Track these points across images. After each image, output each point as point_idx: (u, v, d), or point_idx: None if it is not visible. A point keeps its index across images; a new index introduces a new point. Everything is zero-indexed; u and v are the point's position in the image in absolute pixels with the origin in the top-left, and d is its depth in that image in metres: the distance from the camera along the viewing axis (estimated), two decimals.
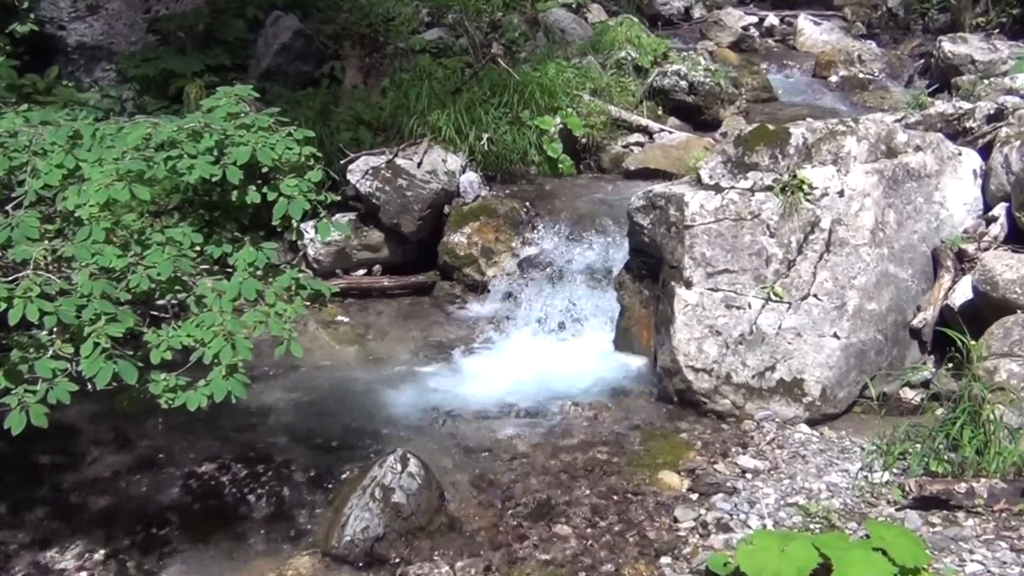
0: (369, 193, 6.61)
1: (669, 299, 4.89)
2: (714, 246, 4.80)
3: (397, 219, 6.62)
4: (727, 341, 4.71)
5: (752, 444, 4.38)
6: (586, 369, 5.38)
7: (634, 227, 5.43)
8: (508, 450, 4.45)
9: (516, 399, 5.00)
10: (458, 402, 5.00)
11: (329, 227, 3.72)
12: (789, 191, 4.74)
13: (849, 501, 3.81)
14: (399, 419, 4.81)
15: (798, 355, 4.65)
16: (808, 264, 4.71)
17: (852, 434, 4.48)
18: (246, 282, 3.39)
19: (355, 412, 4.88)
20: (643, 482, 4.11)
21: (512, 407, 4.92)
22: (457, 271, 6.57)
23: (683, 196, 4.94)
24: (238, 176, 3.45)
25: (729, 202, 4.83)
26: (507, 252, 6.42)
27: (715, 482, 4.04)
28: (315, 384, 5.25)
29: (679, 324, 4.78)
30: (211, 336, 3.20)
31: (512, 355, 5.66)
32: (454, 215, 6.72)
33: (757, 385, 4.65)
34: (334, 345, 5.82)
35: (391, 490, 3.79)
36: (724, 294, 4.75)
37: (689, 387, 4.75)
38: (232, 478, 4.22)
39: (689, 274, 4.82)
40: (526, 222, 6.57)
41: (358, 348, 5.84)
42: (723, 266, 4.78)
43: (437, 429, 4.71)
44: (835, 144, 4.83)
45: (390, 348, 5.83)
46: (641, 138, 7.78)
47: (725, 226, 4.80)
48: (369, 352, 5.78)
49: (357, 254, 6.76)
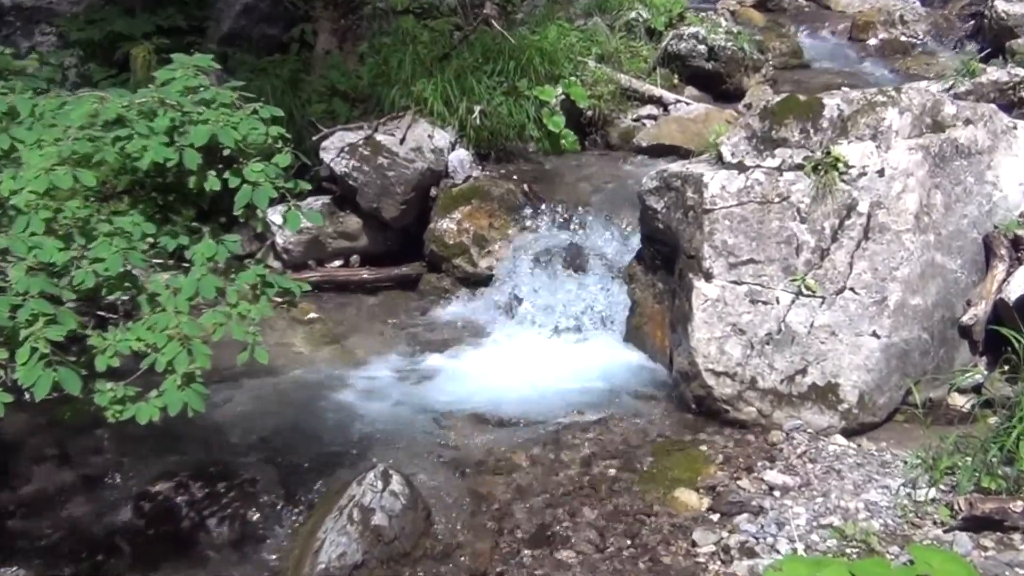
0: (345, 174, 6.60)
1: (686, 293, 4.88)
2: (737, 233, 4.80)
3: (377, 203, 6.62)
4: (752, 341, 4.71)
5: (781, 458, 4.38)
6: (592, 372, 5.38)
7: (646, 211, 5.42)
8: (504, 465, 4.45)
9: (513, 407, 5.02)
10: (447, 410, 5.02)
11: (299, 217, 3.70)
12: (822, 170, 4.74)
13: (890, 522, 3.80)
14: (380, 430, 4.81)
15: (832, 356, 4.64)
16: (844, 253, 4.70)
17: (894, 446, 4.48)
18: (205, 279, 3.37)
19: (330, 423, 4.88)
20: (657, 501, 4.11)
21: (509, 416, 4.93)
22: (446, 262, 6.56)
23: (702, 176, 4.93)
24: (196, 161, 3.43)
25: (754, 183, 4.83)
26: (502, 240, 6.42)
27: (739, 501, 4.04)
28: (284, 391, 5.26)
29: (698, 321, 4.78)
30: (165, 340, 3.18)
31: (508, 357, 5.68)
32: (442, 198, 6.72)
33: (786, 391, 4.65)
34: (306, 347, 5.81)
35: (371, 511, 3.78)
36: (749, 287, 4.76)
37: (709, 393, 4.75)
38: (189, 499, 4.20)
39: (709, 265, 4.80)
40: (524, 206, 6.57)
41: (334, 350, 5.84)
42: (747, 255, 4.78)
43: (423, 441, 4.70)
44: (874, 117, 4.83)
45: (370, 349, 5.82)
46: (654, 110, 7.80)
47: (750, 210, 4.80)
48: (346, 354, 5.78)
49: (332, 243, 6.76)
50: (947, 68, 7.95)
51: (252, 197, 3.53)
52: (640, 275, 5.63)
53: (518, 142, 7.14)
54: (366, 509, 3.79)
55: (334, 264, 6.78)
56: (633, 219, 5.82)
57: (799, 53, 9.17)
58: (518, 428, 4.85)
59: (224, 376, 5.16)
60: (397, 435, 4.78)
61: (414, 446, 4.65)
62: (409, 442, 4.70)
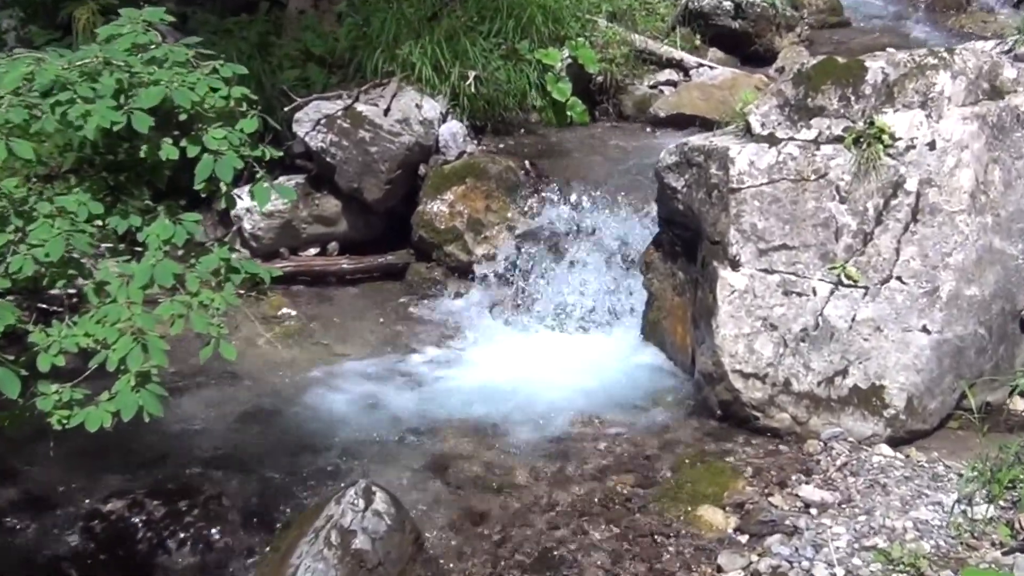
0: (322, 149, 6.59)
1: (710, 284, 4.89)
2: (768, 215, 4.80)
3: (358, 183, 6.61)
4: (785, 338, 4.71)
5: (818, 470, 4.39)
6: (604, 374, 5.41)
7: (665, 191, 5.41)
8: (504, 480, 4.47)
9: (513, 414, 5.04)
10: (439, 418, 5.03)
11: (269, 191, 3.64)
12: (864, 143, 4.75)
13: (943, 543, 3.79)
14: (362, 441, 4.83)
15: (877, 355, 4.65)
16: (889, 237, 4.71)
17: (946, 456, 4.49)
18: (160, 264, 3.33)
19: (305, 432, 4.88)
20: (677, 520, 4.12)
21: (508, 425, 4.95)
22: (436, 249, 6.56)
23: (728, 150, 4.93)
24: (147, 123, 3.38)
25: (787, 158, 4.83)
26: (501, 225, 6.41)
27: (770, 520, 4.04)
28: (253, 396, 5.27)
29: (723, 316, 4.79)
30: (116, 335, 3.13)
31: (508, 357, 5.69)
32: (433, 177, 6.71)
33: (824, 394, 4.66)
34: (278, 345, 5.80)
35: (352, 533, 3.77)
36: (781, 277, 4.76)
37: (737, 397, 4.77)
38: (146, 518, 4.18)
39: (736, 251, 4.82)
40: (525, 186, 6.55)
41: (309, 349, 5.85)
42: (779, 240, 4.79)
43: (412, 454, 4.71)
44: (924, 82, 4.81)
45: (351, 349, 5.83)
46: (674, 75, 7.81)
47: (782, 189, 4.79)
48: (323, 354, 5.79)
49: (307, 228, 6.75)
50: (1006, 27, 7.95)
51: (215, 168, 3.50)
52: (658, 263, 5.64)
53: (518, 112, 7.14)
54: (346, 531, 3.77)
55: (309, 252, 6.77)
56: (650, 200, 5.81)
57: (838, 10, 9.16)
58: (519, 438, 4.85)
59: (185, 377, 5.24)
60: (382, 447, 4.79)
61: (401, 459, 4.65)
62: (395, 455, 4.70)
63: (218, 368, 5.24)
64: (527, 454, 4.69)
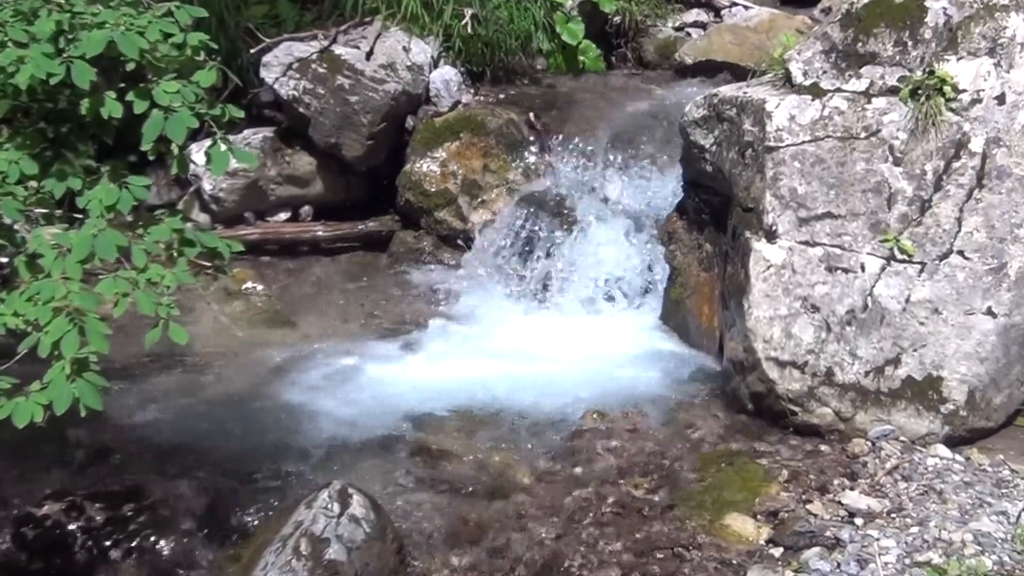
0: (293, 98, 6.59)
1: (742, 257, 4.91)
2: (810, 178, 4.81)
3: (336, 137, 6.61)
4: (829, 320, 4.72)
5: (864, 474, 4.41)
6: (617, 362, 5.43)
7: (691, 149, 5.42)
8: (502, 483, 4.49)
9: (513, 407, 5.06)
10: (427, 411, 5.05)
11: (227, 156, 3.58)
12: (923, 96, 4.73)
13: (1007, 558, 3.77)
14: (338, 437, 4.83)
15: (935, 342, 4.65)
16: (950, 205, 4.70)
17: (1013, 459, 4.49)
18: (103, 235, 3.30)
19: (271, 426, 4.88)
20: (702, 530, 4.12)
21: (508, 419, 4.97)
22: (426, 216, 6.56)
23: (764, 103, 4.93)
24: (89, 77, 3.32)
25: (833, 112, 4.83)
26: (501, 187, 6.43)
27: (808, 531, 4.04)
28: (211, 385, 5.29)
29: (757, 295, 4.81)
30: (50, 315, 3.11)
31: (508, 341, 5.71)
32: (422, 131, 6.70)
33: (873, 386, 4.68)
34: (242, 326, 5.79)
35: (324, 542, 3.75)
36: (824, 250, 4.77)
37: (771, 389, 4.78)
38: (87, 524, 4.15)
39: (773, 220, 4.82)
40: (530, 142, 6.54)
41: (278, 331, 5.85)
42: (823, 208, 4.79)
43: (395, 452, 4.72)
44: (992, 25, 4.77)
45: (326, 330, 5.84)
46: (702, 16, 7.83)
47: (827, 148, 4.80)
48: (294, 336, 5.80)
49: (276, 190, 6.76)
50: None
51: (165, 127, 3.46)
52: (682, 233, 5.65)
53: (523, 58, 7.16)
54: (318, 539, 3.76)
55: (279, 217, 6.78)
56: (673, 160, 5.80)
57: None
58: (520, 435, 4.87)
59: (131, 364, 5.25)
60: (361, 444, 4.79)
61: (383, 458, 4.66)
62: (377, 453, 4.70)
63: (170, 353, 5.24)
64: (528, 453, 4.71)
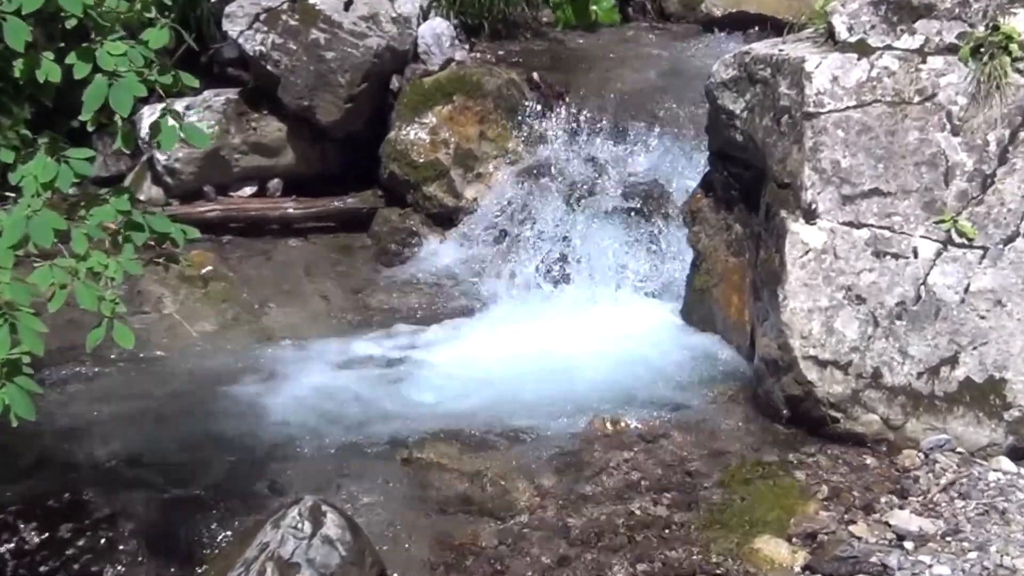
0: (261, 54, 6.58)
1: (777, 240, 4.89)
2: (856, 149, 4.80)
3: (309, 100, 6.61)
4: (876, 314, 4.70)
5: (916, 491, 4.40)
6: (633, 359, 5.44)
7: (719, 115, 5.41)
8: (498, 500, 4.48)
9: (513, 412, 5.05)
10: (414, 418, 5.03)
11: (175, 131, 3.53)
12: (986, 55, 4.72)
13: None
14: (310, 447, 4.82)
15: (998, 338, 4.63)
16: (1017, 181, 4.69)
17: None
18: (39, 216, 3.25)
19: (233, 435, 4.88)
20: (729, 554, 4.10)
21: (506, 427, 4.95)
22: (413, 190, 6.56)
23: (803, 63, 4.92)
24: (24, 36, 3.25)
25: (883, 73, 4.82)
26: (499, 158, 6.44)
27: (851, 556, 4.00)
28: (165, 386, 5.29)
29: (794, 284, 4.78)
30: None
31: (507, 336, 5.69)
32: (409, 93, 6.71)
33: (926, 389, 4.65)
34: (200, 319, 5.80)
35: (294, 567, 3.74)
36: (872, 232, 4.76)
37: (809, 392, 4.75)
38: (18, 547, 4.13)
39: (812, 197, 4.80)
40: (533, 107, 6.53)
41: (241, 324, 5.85)
42: (870, 184, 4.78)
43: (377, 464, 4.71)
44: None
45: (297, 323, 5.84)
46: None
47: (875, 115, 4.78)
48: (260, 331, 5.79)
49: (241, 160, 6.76)
50: None
51: (109, 95, 3.40)
52: (708, 213, 5.63)
53: (525, 8, 7.15)
54: (286, 564, 3.74)
55: (244, 192, 6.78)
56: (698, 127, 5.80)
57: None
58: (520, 444, 4.85)
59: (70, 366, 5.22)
60: (336, 454, 4.78)
61: (362, 471, 4.66)
62: (355, 465, 4.70)
63: (117, 351, 5.16)
64: (530, 466, 4.68)
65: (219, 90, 6.65)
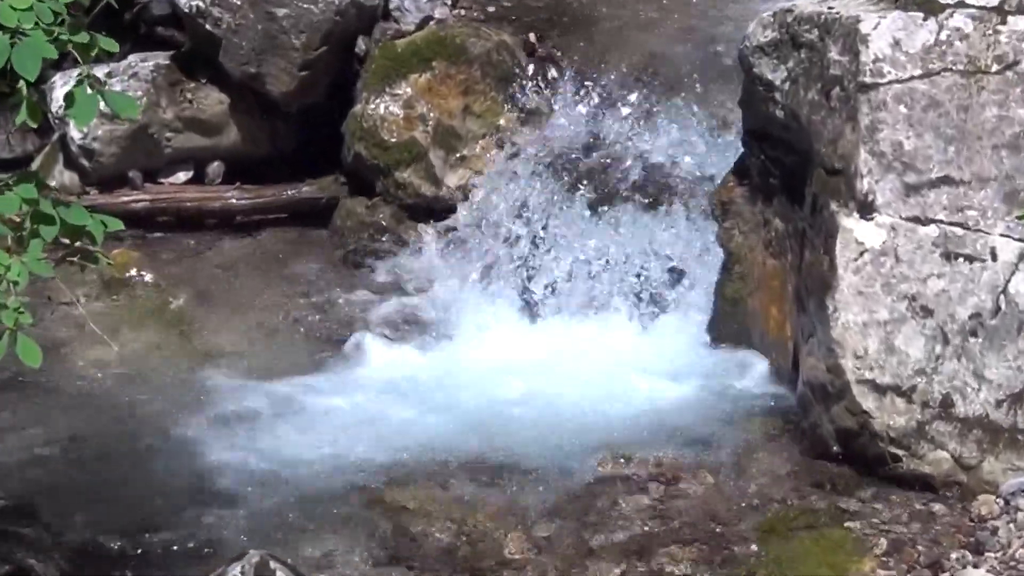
0: (198, 11, 6.45)
1: (826, 239, 4.79)
2: (921, 128, 4.69)
3: (257, 66, 6.50)
4: (946, 329, 4.60)
5: (994, 545, 4.27)
6: (650, 384, 5.37)
7: (755, 87, 5.33)
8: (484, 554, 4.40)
9: (503, 444, 5.00)
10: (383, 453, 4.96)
11: (95, 102, 3.38)
12: None
13: None
14: (257, 489, 4.75)
15: None
16: None
17: None
18: None
19: (161, 477, 4.83)
20: None
21: (494, 463, 4.91)
22: (384, 176, 6.46)
23: (858, 23, 4.80)
24: None
25: (954, 36, 4.72)
26: (488, 138, 6.40)
27: None
28: (81, 415, 5.23)
29: (847, 292, 4.66)
30: None
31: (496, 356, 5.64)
32: (379, 58, 6.60)
33: (1007, 421, 4.58)
34: (123, 332, 5.72)
35: None
36: (941, 230, 4.65)
37: (865, 424, 4.63)
38: None
39: (869, 187, 4.68)
40: (530, 76, 6.51)
41: (173, 339, 5.83)
42: (939, 171, 4.67)
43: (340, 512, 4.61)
44: None
45: (241, 339, 5.81)
46: None
47: (945, 86, 4.69)
48: (196, 349, 5.76)
49: (174, 139, 6.69)
50: None
51: (12, 57, 3.30)
52: (741, 205, 5.55)
53: None
54: None
55: (177, 178, 6.74)
56: (729, 101, 5.83)
57: None
58: (513, 486, 4.77)
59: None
60: (288, 499, 4.69)
61: (320, 518, 4.58)
62: (311, 511, 4.62)
63: (23, 370, 4.97)
64: (526, 512, 4.59)
65: (146, 54, 6.50)
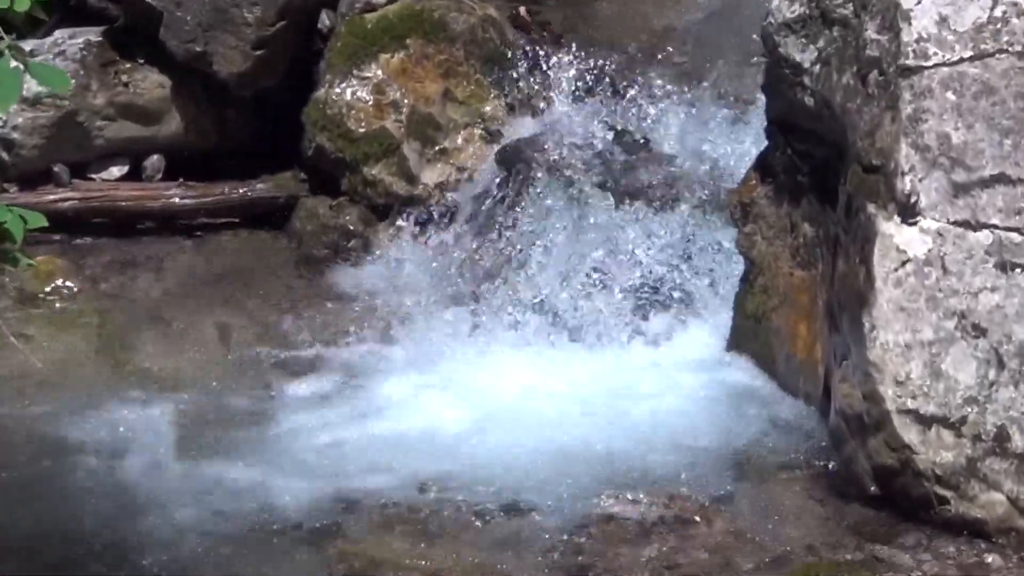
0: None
1: (862, 246, 4.72)
2: (972, 119, 4.61)
3: (203, 44, 6.56)
4: (1001, 351, 4.51)
5: None
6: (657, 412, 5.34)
7: (780, 70, 5.31)
8: None
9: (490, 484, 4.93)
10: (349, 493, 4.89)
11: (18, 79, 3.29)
12: None
13: None
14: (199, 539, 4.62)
15: None
16: None
17: None
18: None
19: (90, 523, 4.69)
20: None
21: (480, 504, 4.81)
22: (350, 172, 6.50)
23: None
24: None
25: (1010, 12, 4.65)
26: (472, 128, 6.48)
27: None
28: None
29: (886, 308, 4.56)
30: None
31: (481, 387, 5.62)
32: (345, 36, 6.67)
33: None
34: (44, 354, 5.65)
35: None
36: (995, 236, 4.56)
37: (908, 460, 4.53)
38: None
39: (911, 186, 4.57)
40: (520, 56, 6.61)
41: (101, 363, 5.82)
42: (992, 167, 4.58)
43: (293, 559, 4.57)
44: None
45: (183, 364, 5.79)
46: None
47: (999, 70, 4.62)
48: (129, 373, 5.76)
49: (107, 129, 6.71)
50: None
51: None
52: (764, 206, 5.55)
53: None
54: None
55: (110, 174, 6.75)
56: (750, 86, 5.91)
57: None
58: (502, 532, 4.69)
59: None
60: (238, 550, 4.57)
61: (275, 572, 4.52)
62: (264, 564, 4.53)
63: None
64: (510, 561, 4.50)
65: (75, 30, 6.43)
